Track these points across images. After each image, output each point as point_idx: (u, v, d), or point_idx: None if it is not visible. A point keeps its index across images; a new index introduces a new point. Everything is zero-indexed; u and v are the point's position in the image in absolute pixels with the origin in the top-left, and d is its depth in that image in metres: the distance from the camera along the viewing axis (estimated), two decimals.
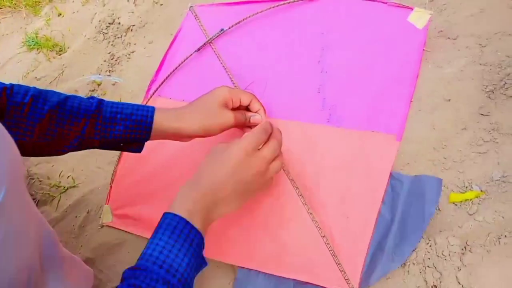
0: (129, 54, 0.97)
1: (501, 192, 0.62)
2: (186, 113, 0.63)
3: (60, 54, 1.06)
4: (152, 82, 0.86)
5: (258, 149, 0.57)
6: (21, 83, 1.02)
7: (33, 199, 0.84)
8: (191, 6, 0.87)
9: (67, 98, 0.60)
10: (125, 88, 0.93)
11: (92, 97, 0.63)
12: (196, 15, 0.86)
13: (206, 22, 0.85)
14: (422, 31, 0.72)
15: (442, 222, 0.62)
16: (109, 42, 1.02)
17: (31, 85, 0.60)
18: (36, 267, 0.48)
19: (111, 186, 0.79)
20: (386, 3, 0.75)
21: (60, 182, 0.85)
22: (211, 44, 0.82)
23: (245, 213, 0.67)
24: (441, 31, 0.77)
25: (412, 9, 0.74)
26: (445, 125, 0.68)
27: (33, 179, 0.86)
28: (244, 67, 0.79)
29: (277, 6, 0.79)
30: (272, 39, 0.80)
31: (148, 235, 0.53)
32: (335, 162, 0.67)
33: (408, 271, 0.60)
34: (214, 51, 0.81)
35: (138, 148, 0.66)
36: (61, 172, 0.86)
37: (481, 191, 0.63)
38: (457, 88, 0.70)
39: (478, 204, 0.62)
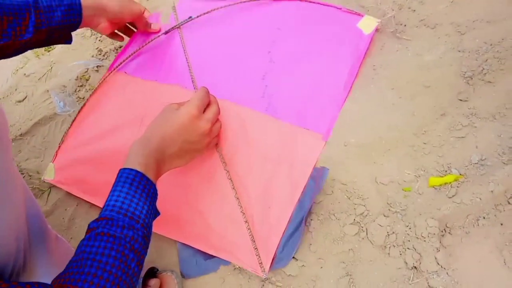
0: (116, 49, 0.98)
1: (479, 175, 0.63)
2: None
3: (48, 51, 1.06)
4: (118, 56, 0.89)
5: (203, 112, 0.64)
6: (10, 79, 1.03)
7: None
8: (173, 7, 0.91)
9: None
10: None
11: None
12: (174, 6, 0.91)
13: (181, 10, 0.90)
14: (368, 37, 0.76)
15: (422, 206, 0.63)
16: (97, 37, 1.03)
17: (21, 82, 0.63)
18: (24, 236, 0.50)
19: (59, 146, 0.82)
20: (340, 8, 0.80)
21: None
22: (179, 29, 0.87)
23: (177, 192, 0.72)
24: (422, 20, 0.78)
25: (362, 15, 0.78)
26: (425, 111, 0.69)
27: (23, 174, 0.87)
28: (203, 52, 0.84)
29: (244, 2, 0.85)
30: (234, 30, 0.85)
31: (88, 198, 0.65)
32: (265, 152, 0.71)
33: (388, 253, 0.61)
34: (180, 36, 0.86)
35: (69, 40, 0.77)
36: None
37: (460, 174, 0.64)
38: (437, 74, 0.71)
39: (457, 187, 0.64)
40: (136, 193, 0.52)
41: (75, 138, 0.83)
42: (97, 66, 0.96)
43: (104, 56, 0.98)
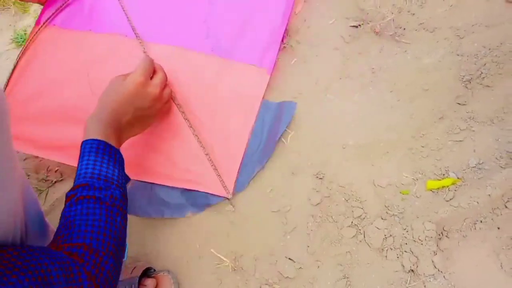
0: None
1: (477, 179, 0.63)
2: None
3: None
4: (44, 10, 0.87)
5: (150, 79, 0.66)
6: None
7: None
8: None
9: None
10: None
11: None
12: None
13: None
14: None
15: (419, 209, 0.64)
16: None
17: None
18: (21, 219, 0.50)
19: None
20: None
21: (47, 176, 0.86)
22: None
23: (142, 138, 0.74)
24: (421, 23, 0.78)
25: None
26: (423, 114, 0.69)
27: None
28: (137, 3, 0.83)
29: None
30: None
31: (38, 153, 0.72)
32: (216, 90, 0.75)
33: (385, 256, 0.62)
34: None
35: None
36: (49, 166, 0.87)
37: (458, 178, 0.64)
38: (435, 78, 0.72)
39: (455, 190, 0.64)
40: (104, 159, 0.54)
41: (13, 98, 0.81)
42: None
43: None
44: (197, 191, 0.72)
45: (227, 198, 0.71)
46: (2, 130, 0.46)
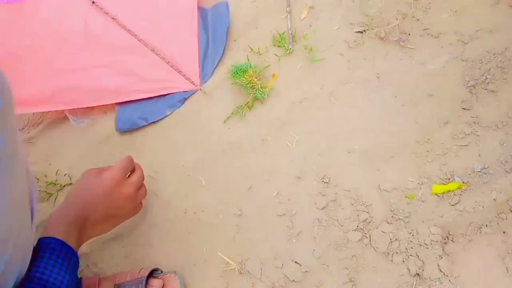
0: None
1: (482, 183, 0.64)
2: None
3: None
4: None
5: (127, 178, 0.63)
6: None
7: None
8: None
9: None
10: None
11: None
12: None
13: None
14: None
15: (425, 213, 0.64)
16: None
17: None
18: (27, 212, 0.51)
19: None
20: None
21: (57, 180, 0.87)
22: None
23: (103, 67, 0.86)
24: (426, 29, 0.79)
25: None
26: (428, 119, 0.70)
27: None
28: None
29: None
30: None
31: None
32: (157, 9, 0.89)
33: (391, 260, 0.62)
34: None
35: None
36: (58, 170, 0.88)
37: (463, 182, 0.65)
38: (440, 83, 0.72)
39: (460, 195, 0.64)
40: (57, 263, 0.51)
41: None
42: None
43: None
44: (170, 94, 0.84)
45: (199, 89, 0.84)
46: (11, 116, 0.48)
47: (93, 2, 0.89)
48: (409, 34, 0.79)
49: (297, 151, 0.75)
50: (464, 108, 0.69)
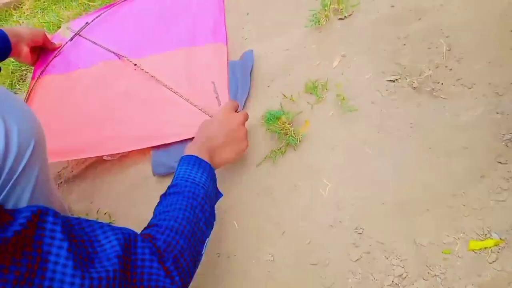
0: None
1: None
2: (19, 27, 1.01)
3: None
4: (37, 67, 1.11)
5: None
6: None
7: None
8: (68, 27, 1.18)
9: None
10: None
11: None
12: (69, 26, 1.19)
13: (76, 25, 1.18)
14: None
15: (461, 270, 0.63)
16: None
17: None
18: None
19: None
20: None
21: (97, 218, 0.91)
22: (80, 35, 1.14)
23: (141, 110, 0.96)
24: (459, 79, 0.80)
25: None
26: (463, 172, 0.70)
27: (73, 215, 0.93)
28: (112, 35, 1.12)
29: (120, 2, 1.18)
30: (128, 18, 1.15)
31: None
32: (195, 74, 0.97)
33: None
34: (86, 38, 1.12)
35: None
36: (99, 209, 0.92)
37: (501, 239, 0.64)
38: (474, 136, 0.72)
39: (498, 252, 0.63)
40: (194, 168, 0.65)
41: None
42: None
43: None
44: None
45: None
46: (44, 153, 0.56)
47: (135, 65, 1.01)
48: (442, 84, 0.80)
49: (329, 199, 0.76)
50: (500, 162, 0.69)
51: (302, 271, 0.72)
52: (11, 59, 1.01)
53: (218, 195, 0.70)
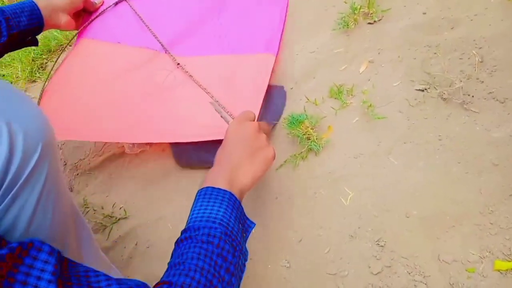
0: None
1: None
2: None
3: None
4: (80, 34, 1.04)
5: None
6: None
7: None
8: None
9: None
10: None
11: None
12: None
13: None
14: None
15: None
16: None
17: None
18: (71, 236, 0.55)
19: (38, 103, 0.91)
20: None
21: (113, 212, 0.91)
22: (127, 1, 1.06)
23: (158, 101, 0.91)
24: (491, 92, 0.77)
25: None
26: (493, 190, 0.68)
27: (88, 208, 0.93)
28: (159, 18, 1.03)
29: None
30: None
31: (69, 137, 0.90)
32: (227, 82, 0.91)
33: None
34: (130, 7, 1.04)
35: (35, 43, 0.92)
36: (115, 203, 0.92)
37: None
38: (506, 153, 0.70)
39: None
40: (210, 202, 0.55)
41: (54, 95, 0.93)
42: None
43: None
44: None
45: None
46: (54, 153, 0.52)
47: (178, 64, 0.94)
48: (472, 97, 0.78)
49: (351, 209, 0.75)
50: None
51: (319, 280, 0.70)
52: (33, 47, 0.97)
53: (247, 226, 0.59)
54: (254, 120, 0.73)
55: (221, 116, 0.82)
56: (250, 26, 0.99)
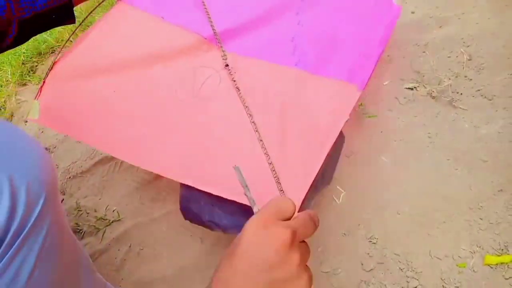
0: None
1: None
2: None
3: None
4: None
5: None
6: None
7: (80, 230, 0.90)
8: None
9: None
10: None
11: None
12: None
13: None
14: (398, 8, 0.76)
15: (477, 284, 0.62)
16: None
17: None
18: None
19: (44, 81, 0.71)
20: None
21: (105, 215, 0.91)
22: None
23: (198, 136, 0.65)
24: (479, 90, 0.78)
25: None
26: (482, 186, 0.69)
27: (81, 211, 0.92)
28: (224, 3, 0.77)
29: None
30: None
31: (81, 138, 0.66)
32: (297, 104, 0.64)
33: None
34: None
35: (71, 19, 0.69)
36: (107, 206, 0.91)
37: None
38: (495, 149, 0.71)
39: None
40: None
41: (65, 71, 0.72)
42: None
43: None
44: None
45: None
46: (56, 200, 0.49)
47: (227, 65, 0.68)
48: (461, 94, 0.79)
49: (343, 207, 0.75)
50: None
51: (314, 279, 0.71)
52: (23, 49, 0.81)
53: None
54: (290, 217, 0.38)
55: (245, 194, 0.48)
56: (337, 36, 0.71)
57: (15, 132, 0.47)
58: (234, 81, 0.67)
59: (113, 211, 0.91)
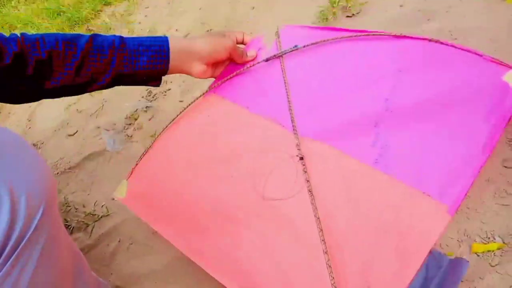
0: (165, 92, 1.03)
1: None
2: (196, 37, 0.72)
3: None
4: (215, 81, 0.78)
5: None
6: (63, 114, 1.09)
7: (68, 226, 0.89)
8: (277, 32, 0.79)
9: (92, 38, 0.65)
10: (162, 123, 0.99)
11: (113, 35, 0.67)
12: (277, 31, 0.79)
13: (285, 37, 0.78)
14: None
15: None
16: None
17: (74, 118, 0.66)
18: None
19: (136, 164, 0.73)
20: (481, 55, 0.59)
21: (94, 210, 0.90)
22: (281, 58, 0.74)
23: (260, 243, 0.59)
24: None
25: (511, 67, 0.58)
26: None
27: (69, 206, 0.91)
28: (306, 88, 0.71)
29: (360, 36, 0.69)
30: (345, 66, 0.70)
31: (155, 226, 0.63)
32: (369, 215, 0.55)
33: None
34: (281, 65, 0.74)
35: (158, 81, 0.72)
36: (96, 201, 0.91)
37: (504, 243, 0.64)
38: None
39: (501, 256, 0.63)
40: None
41: (158, 157, 0.73)
42: (146, 107, 1.01)
43: (153, 97, 1.03)
44: None
45: None
46: (54, 211, 0.48)
47: (301, 158, 0.61)
48: None
49: None
50: (506, 167, 0.69)
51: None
52: None
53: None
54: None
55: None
56: (433, 136, 0.57)
57: (14, 141, 0.46)
58: (308, 181, 0.59)
59: (102, 206, 0.91)
